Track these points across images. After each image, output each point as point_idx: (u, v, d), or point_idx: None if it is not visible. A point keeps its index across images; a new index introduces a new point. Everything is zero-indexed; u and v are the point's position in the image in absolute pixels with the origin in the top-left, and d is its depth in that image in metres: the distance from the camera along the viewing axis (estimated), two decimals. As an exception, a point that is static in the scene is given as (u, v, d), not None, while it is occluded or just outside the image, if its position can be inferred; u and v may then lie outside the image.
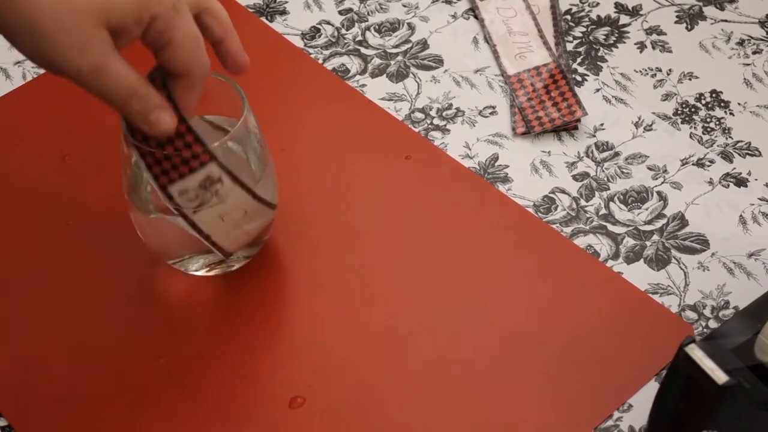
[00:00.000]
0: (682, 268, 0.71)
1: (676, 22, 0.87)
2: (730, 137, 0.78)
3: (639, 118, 0.80)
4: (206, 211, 0.62)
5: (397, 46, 0.86)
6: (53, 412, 0.65)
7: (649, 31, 0.86)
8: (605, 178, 0.76)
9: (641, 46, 0.85)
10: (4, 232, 0.74)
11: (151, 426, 0.64)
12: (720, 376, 0.52)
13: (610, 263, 0.71)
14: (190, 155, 0.59)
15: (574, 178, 0.76)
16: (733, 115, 0.80)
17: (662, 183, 0.76)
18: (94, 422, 0.64)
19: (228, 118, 0.68)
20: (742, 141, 0.78)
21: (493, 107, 0.81)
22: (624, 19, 0.87)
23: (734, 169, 0.76)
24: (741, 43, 0.85)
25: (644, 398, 0.63)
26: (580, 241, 0.72)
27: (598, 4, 0.89)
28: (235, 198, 0.62)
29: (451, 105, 0.81)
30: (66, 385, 0.66)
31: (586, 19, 0.87)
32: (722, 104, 0.80)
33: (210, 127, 0.69)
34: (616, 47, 0.85)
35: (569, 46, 0.85)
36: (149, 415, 0.64)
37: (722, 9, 0.88)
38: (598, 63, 0.84)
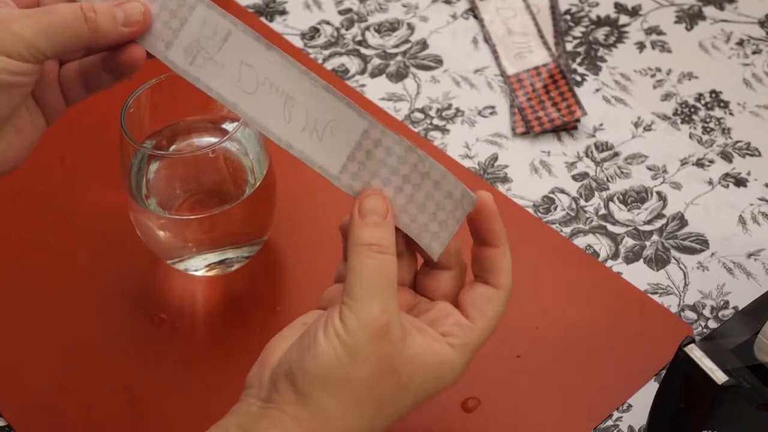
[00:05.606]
0: (681, 268, 0.71)
1: (675, 22, 0.87)
2: (729, 137, 0.78)
3: (638, 118, 0.80)
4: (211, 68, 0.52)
5: (396, 46, 0.86)
6: (52, 411, 0.65)
7: (649, 31, 0.86)
8: (605, 178, 0.76)
9: (641, 46, 0.85)
10: (4, 233, 0.74)
11: (149, 426, 0.64)
12: (719, 376, 0.53)
13: (609, 263, 0.71)
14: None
15: (574, 178, 0.76)
16: (733, 115, 0.80)
17: (662, 183, 0.76)
18: (94, 421, 0.64)
19: (228, 118, 0.68)
20: (741, 141, 0.78)
21: (493, 107, 0.81)
22: (624, 19, 0.87)
23: (734, 169, 0.76)
24: (740, 43, 0.85)
25: (644, 398, 0.63)
26: (580, 241, 0.72)
27: (597, 4, 0.89)
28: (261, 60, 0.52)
29: (450, 105, 0.81)
30: (65, 385, 0.66)
31: (586, 19, 0.87)
32: (722, 104, 0.81)
33: (210, 127, 0.69)
34: (616, 47, 0.85)
35: (569, 46, 0.85)
36: (148, 414, 0.64)
37: (722, 9, 0.88)
38: (598, 63, 0.84)
